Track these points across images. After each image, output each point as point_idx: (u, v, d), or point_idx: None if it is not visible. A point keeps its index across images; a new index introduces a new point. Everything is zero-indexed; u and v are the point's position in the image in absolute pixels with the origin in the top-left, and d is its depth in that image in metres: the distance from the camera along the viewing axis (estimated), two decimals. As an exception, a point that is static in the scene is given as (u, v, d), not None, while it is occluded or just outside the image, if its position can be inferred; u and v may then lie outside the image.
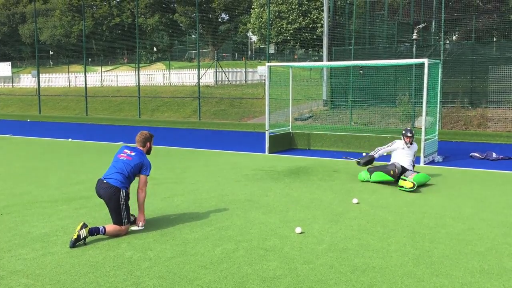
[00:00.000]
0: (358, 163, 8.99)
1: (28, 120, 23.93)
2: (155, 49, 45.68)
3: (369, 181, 8.60)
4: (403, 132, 8.83)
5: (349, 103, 17.99)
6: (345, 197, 7.49)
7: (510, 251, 5.10)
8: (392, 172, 8.28)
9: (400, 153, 8.79)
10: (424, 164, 10.54)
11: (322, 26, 25.20)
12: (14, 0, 54.84)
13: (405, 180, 7.93)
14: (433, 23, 19.57)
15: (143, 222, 5.88)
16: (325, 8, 19.92)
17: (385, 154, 9.22)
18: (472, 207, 6.91)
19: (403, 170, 8.48)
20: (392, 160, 8.81)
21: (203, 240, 5.46)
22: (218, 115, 21.75)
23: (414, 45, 17.28)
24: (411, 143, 8.74)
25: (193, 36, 52.21)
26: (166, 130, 18.45)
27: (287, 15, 33.90)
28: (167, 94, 26.21)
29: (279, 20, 34.22)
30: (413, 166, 8.82)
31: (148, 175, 5.81)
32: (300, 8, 34.03)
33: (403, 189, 7.85)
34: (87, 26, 38.90)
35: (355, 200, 7.15)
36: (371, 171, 8.61)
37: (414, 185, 7.75)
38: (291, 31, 33.91)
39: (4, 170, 10.00)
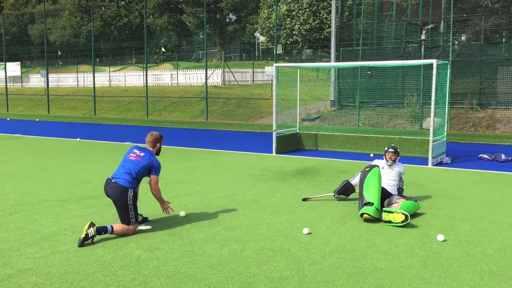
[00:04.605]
0: (334, 195, 7.48)
1: (37, 120, 24.09)
2: (163, 49, 45.82)
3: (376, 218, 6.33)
4: (385, 148, 7.44)
5: (357, 103, 17.93)
6: (353, 198, 7.45)
7: (519, 254, 5.07)
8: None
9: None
10: (432, 166, 10.49)
11: (329, 27, 25.17)
12: (24, 1, 55.23)
13: (391, 212, 6.08)
14: (442, 24, 19.48)
15: (168, 206, 6.06)
16: (333, 8, 19.89)
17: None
18: (480, 209, 6.87)
19: (385, 195, 6.78)
20: None
21: (211, 240, 5.47)
22: (225, 115, 21.77)
23: (423, 46, 17.21)
24: (393, 161, 7.20)
25: (201, 36, 52.33)
26: (173, 130, 18.50)
27: (298, 15, 33.83)
28: (175, 94, 26.28)
29: (289, 20, 34.16)
30: (401, 192, 7.19)
31: (158, 176, 5.84)
32: (310, 8, 33.97)
33: (392, 224, 6.02)
34: (95, 26, 39.13)
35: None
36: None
37: (406, 216, 5.95)
38: (303, 32, 33.84)
39: (13, 169, 10.08)
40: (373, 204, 6.21)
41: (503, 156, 11.23)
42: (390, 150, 7.31)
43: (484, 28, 18.88)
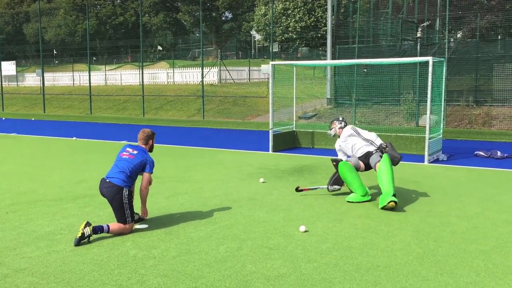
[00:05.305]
0: (327, 188, 7.52)
1: (33, 119, 24.01)
2: (159, 47, 45.73)
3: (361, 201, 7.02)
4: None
5: (353, 101, 17.95)
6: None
7: (515, 250, 5.08)
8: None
9: (350, 147, 7.27)
10: (429, 163, 10.51)
11: (325, 25, 25.19)
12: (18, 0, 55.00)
13: (385, 206, 6.44)
14: (438, 21, 19.49)
15: (146, 215, 5.98)
16: (329, 6, 19.88)
17: (345, 158, 7.43)
18: (476, 206, 6.89)
19: (365, 162, 7.10)
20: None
21: (207, 238, 5.46)
22: (221, 114, 21.75)
23: (419, 43, 17.23)
24: (336, 131, 7.39)
25: (197, 34, 52.21)
26: (170, 129, 18.48)
27: (294, 13, 33.83)
28: (171, 92, 26.24)
29: (285, 18, 34.15)
30: (383, 149, 7.11)
31: (151, 173, 5.81)
32: (305, 6, 33.96)
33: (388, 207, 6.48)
34: (91, 25, 38.98)
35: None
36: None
37: (395, 202, 6.42)
38: (299, 29, 33.82)
39: (9, 168, 10.04)
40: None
41: (499, 153, 11.26)
42: (331, 122, 7.68)
43: (480, 26, 18.90)
